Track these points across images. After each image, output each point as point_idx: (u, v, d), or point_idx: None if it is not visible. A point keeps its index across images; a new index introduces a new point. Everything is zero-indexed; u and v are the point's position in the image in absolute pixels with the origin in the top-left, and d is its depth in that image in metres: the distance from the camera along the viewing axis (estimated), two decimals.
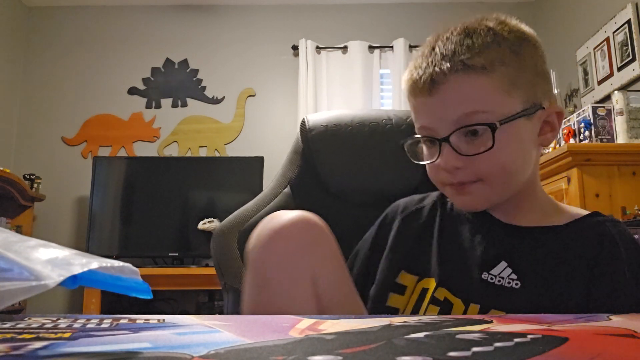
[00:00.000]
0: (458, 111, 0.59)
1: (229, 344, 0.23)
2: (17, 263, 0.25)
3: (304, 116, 0.94)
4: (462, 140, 0.59)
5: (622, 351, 0.22)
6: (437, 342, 0.24)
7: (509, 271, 0.60)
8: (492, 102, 0.59)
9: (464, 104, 0.59)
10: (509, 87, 0.59)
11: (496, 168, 0.59)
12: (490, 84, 0.59)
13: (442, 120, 0.60)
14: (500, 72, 0.59)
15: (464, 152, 0.59)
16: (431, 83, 0.59)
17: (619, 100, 2.08)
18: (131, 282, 0.29)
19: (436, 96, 0.60)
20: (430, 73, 0.60)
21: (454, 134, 0.59)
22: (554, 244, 0.61)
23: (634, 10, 2.32)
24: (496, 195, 0.62)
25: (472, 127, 0.58)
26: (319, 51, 3.24)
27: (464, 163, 0.59)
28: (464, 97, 0.59)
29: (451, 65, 0.59)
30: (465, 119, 0.59)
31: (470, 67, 0.58)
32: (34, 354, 0.20)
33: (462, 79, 0.58)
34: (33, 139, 3.17)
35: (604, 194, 1.86)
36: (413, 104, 0.65)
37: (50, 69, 3.25)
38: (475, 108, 0.58)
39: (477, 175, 0.60)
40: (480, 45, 0.60)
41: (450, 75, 0.59)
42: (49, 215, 3.06)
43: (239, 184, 2.88)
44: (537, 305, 0.57)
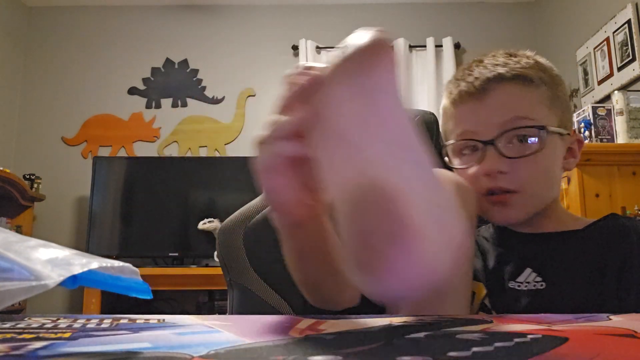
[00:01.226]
0: (506, 115, 0.61)
1: (229, 344, 0.23)
2: (17, 263, 0.25)
3: None
4: (507, 145, 0.61)
5: (622, 351, 0.22)
6: (437, 342, 0.24)
7: (534, 275, 0.62)
8: (537, 112, 0.62)
9: (512, 109, 0.62)
10: (549, 104, 0.64)
11: (538, 174, 0.62)
12: (536, 96, 0.63)
13: (488, 124, 0.62)
14: (544, 89, 0.64)
15: (510, 155, 0.61)
16: (482, 88, 0.63)
17: (619, 100, 2.08)
18: (131, 282, 0.29)
19: (486, 101, 0.63)
20: (482, 79, 0.63)
21: (501, 137, 0.61)
22: (575, 245, 0.63)
23: (634, 10, 2.32)
24: (531, 208, 0.64)
25: (523, 128, 0.61)
26: (319, 51, 3.24)
27: (508, 167, 0.61)
28: (513, 102, 0.62)
29: (503, 72, 0.63)
30: (512, 123, 0.61)
31: (520, 77, 0.63)
32: (34, 354, 0.20)
33: (512, 87, 0.63)
34: (33, 139, 3.17)
35: (604, 194, 1.86)
36: (455, 113, 0.67)
37: (50, 69, 3.25)
38: (523, 114, 0.62)
39: (518, 181, 0.61)
40: (527, 63, 0.65)
41: (501, 82, 0.63)
42: (49, 215, 3.06)
43: (239, 184, 2.88)
44: (562, 302, 0.59)
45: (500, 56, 0.67)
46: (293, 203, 0.40)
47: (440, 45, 3.20)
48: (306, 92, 0.36)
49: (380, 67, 0.33)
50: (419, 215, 0.30)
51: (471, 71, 0.66)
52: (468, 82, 0.65)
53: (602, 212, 0.71)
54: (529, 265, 0.63)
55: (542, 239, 0.65)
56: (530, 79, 0.63)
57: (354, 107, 0.33)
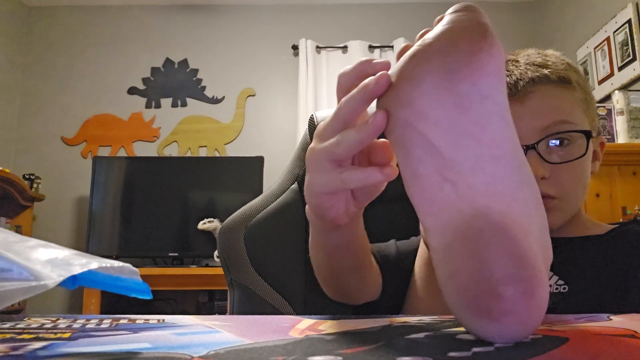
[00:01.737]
0: (547, 119, 0.60)
1: (228, 344, 0.23)
2: (16, 263, 0.25)
3: (313, 112, 0.94)
4: (547, 149, 0.60)
5: (622, 351, 0.22)
6: (437, 342, 0.24)
7: (556, 279, 0.61)
8: (576, 115, 0.61)
9: (553, 112, 0.60)
10: (584, 107, 0.63)
11: (578, 180, 0.60)
12: (574, 99, 0.62)
13: (529, 128, 0.60)
14: (579, 92, 0.62)
15: (552, 161, 0.59)
16: (525, 90, 0.61)
17: (620, 100, 2.08)
18: (131, 283, 0.29)
19: (527, 103, 0.61)
20: (525, 80, 0.61)
21: (542, 141, 0.59)
22: (598, 249, 0.63)
23: (634, 9, 2.32)
24: (569, 214, 0.63)
25: (567, 133, 0.59)
26: (319, 51, 3.24)
27: (549, 172, 0.59)
28: (554, 105, 0.60)
29: (547, 74, 0.61)
30: (553, 127, 0.60)
31: (562, 80, 0.61)
32: (34, 354, 0.20)
33: (554, 89, 0.61)
34: (33, 139, 3.17)
35: (605, 194, 1.86)
36: None
37: (50, 69, 3.25)
38: (564, 117, 0.60)
39: (560, 187, 0.60)
40: (563, 64, 0.63)
41: (542, 84, 0.61)
42: (49, 215, 3.06)
43: (239, 184, 2.88)
44: (586, 305, 0.58)
45: (534, 55, 0.65)
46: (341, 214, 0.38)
47: None
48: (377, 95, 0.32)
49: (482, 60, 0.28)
50: (539, 252, 0.27)
51: (509, 71, 0.63)
52: (508, 83, 0.62)
53: (602, 212, 0.71)
54: (552, 270, 0.62)
55: (565, 243, 0.64)
56: (570, 81, 0.62)
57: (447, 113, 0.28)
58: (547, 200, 0.60)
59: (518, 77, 0.62)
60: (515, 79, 0.62)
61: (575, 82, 0.63)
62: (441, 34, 0.30)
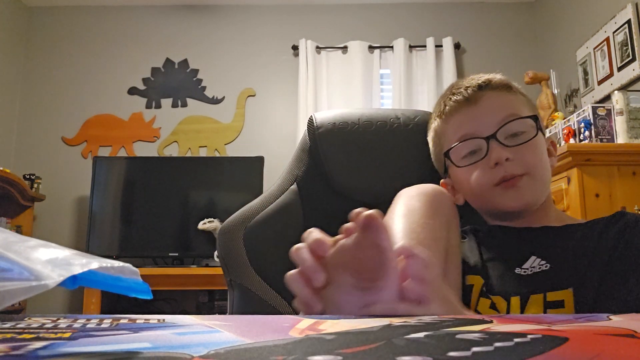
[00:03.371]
0: (499, 115, 0.71)
1: (229, 344, 0.23)
2: (17, 263, 0.25)
3: (312, 114, 0.94)
4: (505, 139, 0.70)
5: (622, 351, 0.22)
6: (437, 342, 0.24)
7: (539, 260, 0.67)
8: (523, 110, 0.73)
9: (503, 109, 0.72)
10: (528, 107, 0.75)
11: (538, 157, 0.70)
12: (518, 100, 0.75)
13: (485, 124, 0.71)
14: (521, 97, 0.76)
15: (510, 144, 0.69)
16: (474, 94, 0.73)
17: (619, 100, 2.08)
18: (131, 283, 0.29)
19: (479, 104, 0.73)
20: (473, 87, 0.74)
21: (500, 131, 0.70)
22: (580, 233, 0.68)
23: (634, 10, 2.32)
24: (539, 192, 0.71)
25: (518, 120, 0.70)
26: (319, 51, 3.24)
27: (512, 154, 0.69)
28: (503, 104, 0.73)
29: (490, 79, 0.75)
30: (507, 119, 0.71)
31: (504, 85, 0.75)
32: (34, 354, 0.20)
33: (499, 93, 0.74)
34: (33, 139, 3.17)
35: (604, 194, 1.86)
36: (451, 123, 0.75)
37: (50, 69, 3.25)
38: (513, 112, 0.72)
39: (525, 165, 0.69)
40: (503, 77, 0.77)
41: (489, 90, 0.74)
42: (49, 215, 3.06)
43: (239, 184, 2.88)
44: (567, 280, 0.63)
45: (477, 75, 0.77)
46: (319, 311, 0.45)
47: (440, 45, 3.20)
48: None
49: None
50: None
51: (459, 86, 0.76)
52: (460, 92, 0.74)
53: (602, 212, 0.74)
54: (534, 253, 0.68)
55: (546, 230, 0.70)
56: (511, 87, 0.76)
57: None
58: (517, 179, 0.69)
59: (467, 86, 0.75)
60: (465, 87, 0.75)
61: (514, 88, 0.76)
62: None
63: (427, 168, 0.88)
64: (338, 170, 0.89)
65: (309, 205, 0.89)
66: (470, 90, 0.73)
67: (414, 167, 0.89)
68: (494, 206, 0.72)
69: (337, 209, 0.89)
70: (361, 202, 0.89)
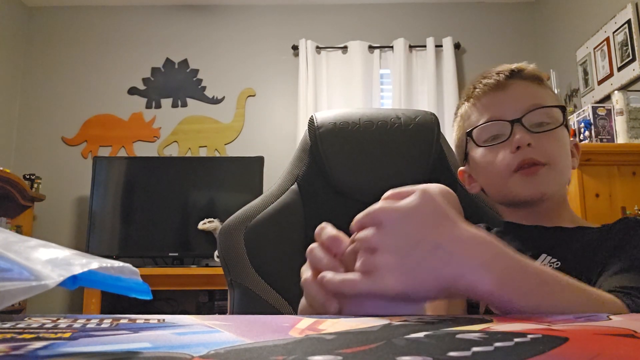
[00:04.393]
0: (528, 102, 0.71)
1: (229, 344, 0.23)
2: (17, 263, 0.25)
3: (313, 114, 0.94)
4: (530, 126, 0.70)
5: (622, 351, 0.22)
6: (437, 342, 0.24)
7: (550, 258, 0.66)
8: (550, 101, 0.72)
9: (532, 97, 0.72)
10: (556, 101, 0.74)
11: (560, 148, 0.70)
12: (546, 92, 0.75)
13: (512, 109, 0.71)
14: (550, 91, 0.76)
15: (535, 131, 0.69)
16: (505, 80, 0.73)
17: (619, 100, 2.08)
18: (131, 283, 0.29)
19: (508, 91, 0.73)
20: (504, 73, 0.74)
21: (526, 116, 0.70)
22: (589, 237, 0.68)
23: (634, 10, 2.32)
24: (558, 183, 0.70)
25: (545, 108, 0.70)
26: (319, 51, 3.24)
27: (535, 141, 0.68)
28: (531, 93, 0.72)
29: (520, 69, 0.74)
30: (533, 107, 0.70)
31: (534, 78, 0.74)
32: (34, 354, 0.20)
33: (528, 83, 0.74)
34: (33, 139, 3.17)
35: (604, 194, 1.86)
36: (478, 106, 0.75)
37: (50, 69, 3.25)
38: (541, 102, 0.71)
39: (545, 154, 0.68)
40: (536, 69, 0.76)
41: (518, 78, 0.74)
42: (49, 215, 3.06)
43: (239, 184, 2.88)
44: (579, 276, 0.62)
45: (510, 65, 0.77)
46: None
47: (440, 45, 3.20)
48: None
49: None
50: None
51: (489, 73, 0.75)
52: (490, 77, 0.74)
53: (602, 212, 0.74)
54: (545, 252, 0.67)
55: (559, 231, 0.70)
56: (542, 79, 0.75)
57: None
58: (537, 167, 0.69)
59: (497, 72, 0.74)
60: (495, 73, 0.74)
61: (545, 83, 0.75)
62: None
63: (428, 168, 0.88)
64: (339, 169, 0.89)
65: (310, 204, 0.89)
66: (502, 76, 0.73)
67: (414, 167, 0.89)
68: (510, 193, 0.71)
69: (337, 208, 0.89)
70: (362, 201, 0.89)
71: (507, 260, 0.40)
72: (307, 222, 0.88)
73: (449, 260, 0.37)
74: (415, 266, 0.37)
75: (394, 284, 0.36)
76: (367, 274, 0.37)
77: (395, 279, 0.37)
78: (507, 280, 0.38)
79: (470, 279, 0.37)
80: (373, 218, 0.39)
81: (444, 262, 0.37)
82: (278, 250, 0.86)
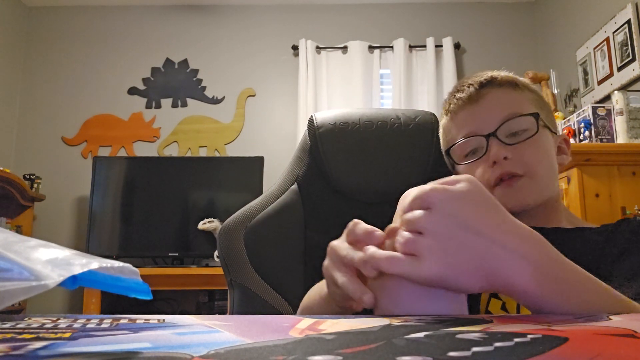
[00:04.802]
0: (501, 113, 0.70)
1: (229, 344, 0.23)
2: (17, 263, 0.25)
3: (312, 114, 0.94)
4: (505, 138, 0.69)
5: (622, 351, 0.22)
6: (437, 342, 0.24)
7: None
8: (526, 109, 0.71)
9: (505, 108, 0.71)
10: (534, 104, 0.73)
11: (539, 156, 0.69)
12: (522, 97, 0.73)
13: (486, 122, 0.70)
14: (528, 94, 0.74)
15: (510, 142, 0.69)
16: (477, 92, 0.72)
17: (619, 100, 2.08)
18: (131, 283, 0.29)
19: (481, 103, 0.72)
20: (475, 86, 0.73)
21: (500, 129, 0.69)
22: (590, 239, 0.67)
23: (634, 10, 2.32)
24: (539, 193, 0.69)
25: (519, 117, 0.69)
26: (319, 51, 3.24)
27: (511, 153, 0.68)
28: (505, 102, 0.71)
29: (492, 80, 0.73)
30: (507, 117, 0.70)
31: (508, 82, 0.73)
32: (34, 354, 0.20)
33: (502, 91, 0.73)
34: (33, 139, 3.17)
35: (604, 194, 1.86)
36: (455, 121, 0.75)
37: (50, 69, 3.25)
38: (515, 110, 0.70)
39: (523, 164, 0.68)
40: (508, 74, 0.76)
41: (492, 88, 0.72)
42: (49, 215, 3.06)
43: (239, 184, 2.88)
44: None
45: (485, 72, 0.77)
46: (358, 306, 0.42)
47: (440, 45, 3.20)
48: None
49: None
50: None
51: (463, 83, 0.75)
52: (463, 90, 0.74)
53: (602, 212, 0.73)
54: None
55: (557, 231, 0.69)
56: (516, 84, 0.74)
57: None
58: (515, 179, 0.68)
59: (469, 84, 0.74)
60: (468, 85, 0.74)
61: (521, 85, 0.74)
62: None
63: (428, 168, 0.88)
64: (339, 170, 0.89)
65: (310, 204, 0.89)
66: (473, 88, 0.73)
67: (414, 167, 0.89)
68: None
69: (337, 208, 0.89)
70: (362, 202, 0.90)
71: (548, 256, 0.40)
72: (307, 222, 0.88)
73: (492, 249, 0.37)
74: (459, 252, 0.37)
75: (436, 268, 0.36)
76: (410, 255, 0.37)
77: (437, 263, 0.36)
78: (546, 275, 0.38)
79: (509, 271, 0.37)
80: (424, 200, 0.38)
81: (486, 249, 0.37)
82: (278, 250, 0.86)
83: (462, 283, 0.37)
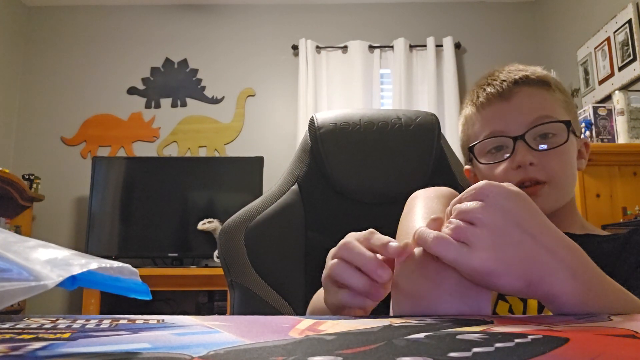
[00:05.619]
0: (532, 114, 0.68)
1: (228, 345, 0.23)
2: (16, 263, 0.25)
3: (313, 114, 0.94)
4: (534, 141, 0.67)
5: (622, 352, 0.22)
6: (438, 342, 0.24)
7: None
8: (557, 112, 0.69)
9: (536, 109, 0.68)
10: (564, 107, 0.71)
11: (564, 166, 0.67)
12: (554, 99, 0.71)
13: (516, 122, 0.68)
14: (558, 95, 0.71)
15: (538, 148, 0.67)
16: (509, 90, 0.69)
17: (620, 100, 2.08)
18: (130, 283, 0.29)
19: (512, 101, 0.69)
20: (509, 81, 0.70)
21: (529, 132, 0.67)
22: (603, 248, 0.65)
23: (634, 10, 2.32)
24: (558, 201, 0.68)
25: (550, 124, 0.67)
26: (319, 51, 3.24)
27: (537, 160, 0.66)
28: (537, 103, 0.69)
29: (528, 74, 0.70)
30: (538, 121, 0.67)
31: (542, 81, 0.71)
32: (33, 354, 0.20)
33: (534, 90, 0.70)
34: (32, 139, 3.17)
35: (605, 194, 1.86)
36: (482, 115, 0.72)
37: (50, 69, 3.25)
38: (547, 114, 0.68)
39: (548, 172, 0.66)
40: (542, 71, 0.73)
41: (524, 85, 0.70)
42: (48, 216, 3.06)
43: (239, 184, 2.88)
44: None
45: (518, 66, 0.74)
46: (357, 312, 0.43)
47: (441, 45, 3.20)
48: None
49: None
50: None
51: (495, 77, 0.72)
52: (494, 85, 0.71)
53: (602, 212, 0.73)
54: None
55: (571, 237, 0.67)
56: (549, 83, 0.71)
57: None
58: (537, 187, 0.66)
59: (503, 79, 0.71)
60: (500, 80, 0.71)
61: (554, 85, 0.71)
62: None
63: (428, 169, 0.88)
64: (339, 170, 0.89)
65: (310, 205, 0.89)
66: (506, 84, 0.70)
67: (415, 168, 0.89)
68: None
69: (338, 209, 0.89)
70: (363, 202, 0.90)
71: (590, 268, 0.39)
72: (308, 222, 0.88)
73: (541, 254, 0.37)
74: (511, 249, 0.36)
75: (486, 259, 0.36)
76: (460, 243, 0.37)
77: (489, 255, 0.36)
78: (588, 290, 0.38)
79: (555, 281, 0.37)
80: (478, 193, 0.39)
81: (537, 253, 0.37)
82: (278, 250, 0.86)
83: (505, 282, 0.37)
